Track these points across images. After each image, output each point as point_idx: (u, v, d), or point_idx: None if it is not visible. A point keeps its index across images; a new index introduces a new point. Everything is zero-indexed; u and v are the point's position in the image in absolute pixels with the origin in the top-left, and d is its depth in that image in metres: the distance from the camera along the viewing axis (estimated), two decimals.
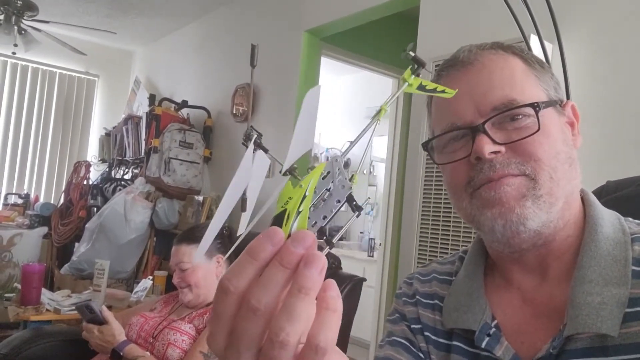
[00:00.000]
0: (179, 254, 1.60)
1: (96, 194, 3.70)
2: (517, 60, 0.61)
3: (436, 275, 0.71)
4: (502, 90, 0.58)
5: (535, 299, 0.60)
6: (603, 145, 1.63)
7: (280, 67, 3.18)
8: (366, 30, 3.23)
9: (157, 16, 4.31)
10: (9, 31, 3.60)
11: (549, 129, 0.58)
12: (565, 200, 0.58)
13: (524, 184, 0.56)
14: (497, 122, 0.58)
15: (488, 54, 0.61)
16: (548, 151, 0.57)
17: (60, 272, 3.23)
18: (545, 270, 0.60)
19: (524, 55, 0.62)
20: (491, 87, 0.59)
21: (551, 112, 0.59)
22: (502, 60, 0.61)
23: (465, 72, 0.61)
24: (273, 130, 3.17)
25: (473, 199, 0.59)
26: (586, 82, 1.68)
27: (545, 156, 0.57)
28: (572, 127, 0.62)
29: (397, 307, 0.73)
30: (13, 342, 1.73)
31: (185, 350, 1.45)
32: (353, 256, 4.10)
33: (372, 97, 4.76)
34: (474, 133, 0.58)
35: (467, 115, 0.59)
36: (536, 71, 0.61)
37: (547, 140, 0.57)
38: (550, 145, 0.57)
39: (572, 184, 0.59)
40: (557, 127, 0.59)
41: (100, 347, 1.55)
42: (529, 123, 0.57)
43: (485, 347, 0.58)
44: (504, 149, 0.57)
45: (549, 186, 0.56)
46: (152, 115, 3.51)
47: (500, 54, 0.61)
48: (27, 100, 4.97)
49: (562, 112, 0.61)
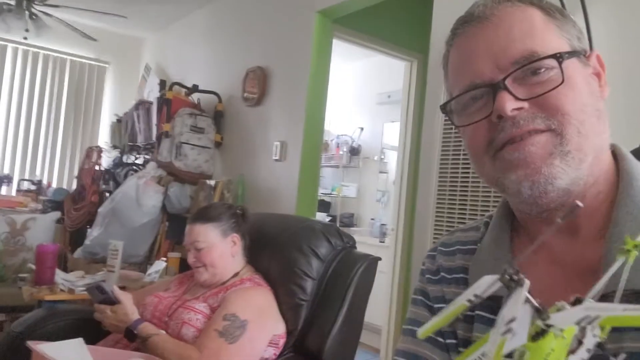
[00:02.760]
0: (193, 233, 1.59)
1: (108, 178, 3.71)
2: (536, 11, 0.57)
3: (460, 247, 0.68)
4: (522, 43, 0.55)
5: (566, 259, 0.57)
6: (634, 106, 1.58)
7: (292, 49, 3.14)
8: (379, 10, 3.18)
9: (167, 2, 4.28)
10: (21, 16, 3.60)
11: (574, 81, 0.55)
12: (595, 155, 0.55)
13: (550, 141, 0.53)
14: (518, 77, 0.55)
15: (504, 7, 0.58)
16: (574, 104, 0.54)
17: (74, 256, 3.25)
18: (576, 229, 0.57)
19: (542, 5, 0.58)
20: (510, 40, 0.55)
21: (575, 62, 0.56)
22: (520, 11, 0.57)
23: (482, 28, 0.57)
24: (284, 114, 3.15)
25: (496, 161, 0.56)
26: (617, 41, 1.64)
27: (572, 109, 0.53)
28: (598, 77, 0.59)
29: (420, 285, 0.71)
30: (28, 320, 1.73)
31: (199, 329, 1.44)
32: (364, 242, 4.08)
33: (383, 82, 4.72)
34: (495, 90, 0.55)
35: (486, 73, 0.56)
36: (557, 20, 0.57)
37: (572, 93, 0.54)
38: (577, 98, 0.54)
39: (601, 137, 0.56)
40: (583, 78, 0.56)
41: (114, 327, 1.54)
42: (553, 76, 0.54)
43: None
44: (528, 104, 0.54)
45: (577, 141, 0.53)
46: (163, 100, 3.50)
47: (517, 5, 0.58)
48: (39, 86, 4.99)
49: (586, 62, 0.58)
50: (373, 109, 4.93)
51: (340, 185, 5.06)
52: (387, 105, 4.71)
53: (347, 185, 5.07)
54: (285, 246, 1.67)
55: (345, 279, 1.59)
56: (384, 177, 4.82)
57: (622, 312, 0.30)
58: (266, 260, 1.68)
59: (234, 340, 1.38)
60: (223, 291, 1.53)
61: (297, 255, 1.62)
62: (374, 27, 3.38)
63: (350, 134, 5.09)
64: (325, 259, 1.65)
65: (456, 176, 2.00)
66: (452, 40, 0.61)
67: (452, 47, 0.61)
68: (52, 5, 3.77)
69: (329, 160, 5.11)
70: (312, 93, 2.98)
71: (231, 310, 1.43)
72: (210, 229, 1.59)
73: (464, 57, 0.59)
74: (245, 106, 3.46)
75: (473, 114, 0.58)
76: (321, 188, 4.63)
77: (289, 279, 1.60)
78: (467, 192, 1.96)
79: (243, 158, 3.45)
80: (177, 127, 3.40)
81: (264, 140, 3.28)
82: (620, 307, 0.30)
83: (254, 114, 3.41)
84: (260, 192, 3.24)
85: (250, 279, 1.58)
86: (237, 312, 1.42)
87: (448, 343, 0.64)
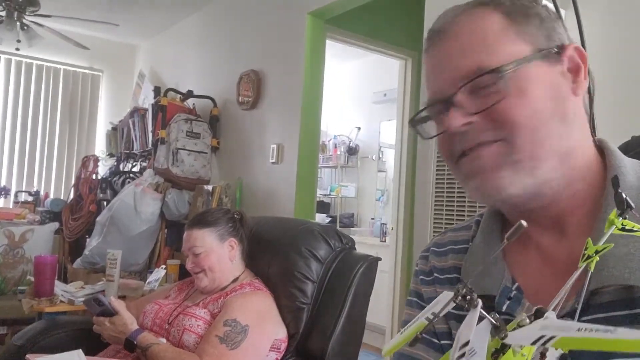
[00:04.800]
0: (190, 238, 1.58)
1: (105, 187, 3.70)
2: (494, 16, 0.57)
3: (452, 247, 0.68)
4: (470, 59, 0.55)
5: (555, 257, 0.57)
6: (627, 100, 1.58)
7: (285, 52, 3.14)
8: (371, 9, 3.17)
9: (159, 8, 4.27)
10: (12, 27, 3.59)
11: (526, 89, 0.54)
12: (560, 159, 0.55)
13: (498, 152, 0.55)
14: (472, 90, 0.55)
15: (461, 18, 0.58)
16: (524, 113, 0.54)
17: (73, 266, 3.24)
18: (562, 226, 0.57)
19: (506, 7, 0.57)
20: (460, 56, 0.56)
21: (533, 67, 0.55)
22: (476, 21, 0.57)
23: (439, 42, 0.59)
24: (279, 116, 3.14)
25: (457, 171, 0.59)
26: (606, 39, 1.63)
27: (522, 119, 0.54)
28: (576, 72, 0.57)
29: (414, 287, 0.72)
30: (28, 333, 1.72)
31: (200, 335, 1.43)
32: (365, 242, 4.08)
33: (378, 81, 4.71)
34: (448, 106, 0.56)
35: (444, 88, 0.57)
36: (517, 24, 0.56)
37: (522, 102, 0.54)
38: (527, 106, 0.54)
39: (568, 139, 0.55)
40: (541, 82, 0.55)
41: (114, 338, 1.53)
42: (500, 87, 0.54)
43: (506, 311, 0.56)
44: (479, 117, 0.55)
45: (530, 149, 0.54)
46: (158, 107, 3.49)
47: (475, 13, 0.58)
48: (33, 97, 4.98)
49: (556, 59, 0.56)
50: (369, 108, 4.92)
51: (339, 186, 5.05)
52: (383, 104, 4.71)
53: (345, 185, 5.06)
54: (284, 249, 1.66)
55: (346, 280, 1.58)
56: (382, 176, 4.81)
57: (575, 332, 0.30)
58: (265, 264, 1.67)
59: (235, 346, 1.37)
60: (223, 297, 1.52)
61: (297, 258, 1.61)
62: (367, 27, 3.38)
63: (347, 134, 5.08)
64: (325, 261, 1.64)
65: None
66: (424, 54, 0.63)
67: (424, 61, 0.64)
68: (43, 15, 3.76)
69: (327, 161, 5.10)
70: (307, 94, 2.97)
71: (232, 316, 1.42)
72: (207, 234, 1.58)
73: (428, 73, 0.61)
74: (241, 110, 3.45)
75: (436, 127, 0.61)
76: (320, 189, 4.63)
77: (289, 282, 1.59)
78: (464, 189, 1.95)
79: (240, 162, 3.43)
80: (173, 133, 3.38)
81: (260, 143, 3.27)
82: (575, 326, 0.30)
83: (249, 117, 3.40)
84: (258, 195, 3.23)
85: (250, 284, 1.57)
86: (237, 317, 1.42)
87: (443, 344, 0.64)
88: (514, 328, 0.33)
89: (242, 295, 1.51)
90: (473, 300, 0.33)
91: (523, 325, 0.33)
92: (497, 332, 0.32)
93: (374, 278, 1.64)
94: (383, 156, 4.83)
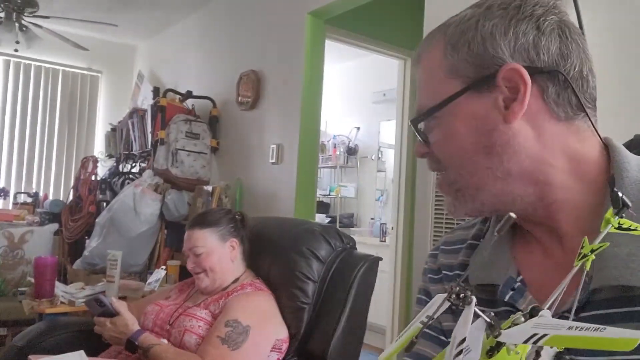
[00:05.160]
0: (192, 238, 1.58)
1: (105, 188, 3.69)
2: (437, 51, 0.59)
3: (461, 245, 0.69)
4: (419, 98, 0.62)
5: (556, 253, 0.58)
6: (632, 99, 1.58)
7: (285, 52, 3.14)
8: (370, 9, 3.17)
9: (157, 9, 4.27)
10: (10, 28, 3.59)
11: (450, 128, 0.58)
12: (505, 182, 0.56)
13: (444, 182, 0.61)
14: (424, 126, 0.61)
15: (424, 50, 0.62)
16: (449, 151, 0.59)
17: (73, 267, 3.23)
18: (558, 227, 0.57)
19: (447, 36, 0.58)
20: (417, 94, 0.63)
21: (460, 102, 0.56)
22: (428, 58, 0.61)
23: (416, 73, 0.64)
24: (279, 116, 3.14)
25: None
26: (609, 36, 1.63)
27: (447, 156, 0.59)
28: (514, 94, 0.55)
29: (423, 285, 0.72)
30: (29, 334, 1.72)
31: (202, 336, 1.43)
32: (365, 242, 4.08)
33: (377, 81, 4.71)
34: None
35: None
36: (448, 59, 0.57)
37: (446, 142, 0.59)
38: (452, 144, 0.58)
39: (503, 166, 0.56)
40: (465, 118, 0.57)
41: (114, 339, 1.52)
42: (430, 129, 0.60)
43: (509, 301, 0.57)
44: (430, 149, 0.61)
45: (463, 180, 0.59)
46: (158, 107, 3.49)
47: (431, 45, 0.61)
48: (32, 98, 4.97)
49: (489, 87, 0.55)
50: (368, 108, 4.92)
51: (338, 186, 5.05)
52: (383, 104, 4.71)
53: (345, 185, 5.06)
54: (285, 249, 1.66)
55: (347, 280, 1.58)
56: (382, 176, 4.81)
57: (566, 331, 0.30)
58: (266, 265, 1.67)
59: (236, 346, 1.37)
60: (224, 297, 1.52)
61: (298, 258, 1.61)
62: (366, 27, 3.38)
63: (346, 134, 5.08)
64: (326, 261, 1.64)
65: None
66: None
67: None
68: (41, 17, 3.76)
69: (327, 161, 5.10)
70: (307, 94, 2.97)
71: (233, 316, 1.42)
72: (208, 234, 1.58)
73: None
74: (240, 110, 3.45)
75: None
76: (319, 189, 4.63)
77: (290, 282, 1.59)
78: None
79: (240, 162, 3.43)
80: (172, 133, 3.38)
81: (260, 143, 3.27)
82: (566, 324, 0.31)
83: (249, 117, 3.40)
84: (258, 195, 3.23)
85: (251, 284, 1.57)
86: (239, 317, 1.41)
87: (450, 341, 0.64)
88: (508, 326, 0.33)
89: (243, 296, 1.51)
90: (467, 298, 0.34)
91: (518, 323, 0.33)
92: (492, 330, 0.33)
93: (375, 278, 1.64)
94: (382, 156, 4.83)
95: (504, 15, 0.56)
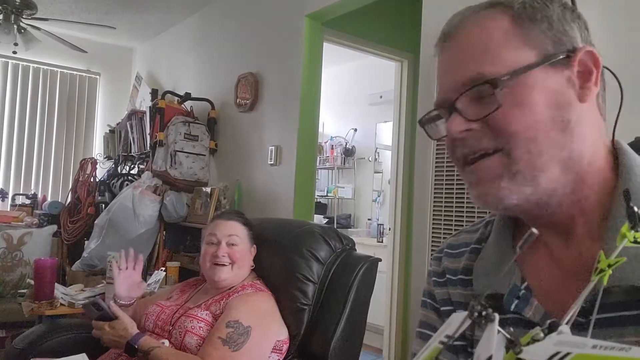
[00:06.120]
0: (232, 228, 1.62)
1: (104, 190, 3.69)
2: (500, 22, 0.56)
3: (465, 248, 0.69)
4: (472, 65, 0.55)
5: (563, 258, 0.58)
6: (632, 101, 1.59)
7: (283, 54, 3.15)
8: (368, 12, 3.19)
9: (156, 11, 4.28)
10: (9, 30, 3.58)
11: (525, 98, 0.53)
12: (562, 167, 0.54)
13: (498, 163, 0.55)
14: (474, 96, 0.55)
15: (469, 22, 0.58)
16: (522, 123, 0.53)
17: (72, 269, 3.24)
18: (570, 231, 0.57)
19: (514, 11, 0.56)
20: (464, 61, 0.56)
21: (537, 74, 0.54)
22: (482, 26, 0.57)
23: (448, 47, 0.59)
24: (277, 118, 3.15)
25: (463, 176, 0.61)
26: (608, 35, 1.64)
27: (519, 129, 0.53)
28: (587, 77, 0.56)
29: (427, 288, 0.72)
30: (29, 336, 1.72)
31: (202, 337, 1.44)
32: (362, 242, 4.09)
33: (374, 83, 4.72)
34: (449, 111, 0.57)
35: (448, 93, 0.58)
36: (523, 29, 0.55)
37: (519, 111, 0.53)
38: (525, 116, 0.53)
39: (570, 147, 0.54)
40: (542, 90, 0.54)
41: (114, 343, 1.52)
42: (498, 97, 0.54)
43: (514, 310, 0.56)
44: (479, 124, 0.55)
45: (528, 159, 0.53)
46: (156, 109, 3.49)
47: (483, 15, 0.57)
48: (30, 100, 4.96)
49: (565, 65, 0.55)
50: (365, 109, 4.94)
51: (335, 187, 5.07)
52: (380, 106, 4.72)
53: (342, 186, 5.08)
54: (284, 251, 1.67)
55: (347, 281, 1.59)
56: (379, 177, 4.83)
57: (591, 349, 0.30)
58: (266, 266, 1.68)
59: (237, 347, 1.38)
60: (225, 298, 1.53)
61: (297, 260, 1.62)
62: (364, 29, 3.39)
63: (343, 136, 5.09)
64: (326, 262, 1.65)
65: (452, 173, 2.01)
66: (436, 57, 0.63)
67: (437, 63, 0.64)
68: (40, 19, 3.76)
69: (324, 162, 5.11)
70: (305, 96, 2.98)
71: (234, 317, 1.43)
72: (246, 231, 1.65)
73: (438, 75, 0.61)
74: (239, 112, 3.46)
75: (441, 129, 0.62)
76: (317, 190, 4.64)
77: (290, 283, 1.60)
78: (463, 190, 1.96)
79: (238, 164, 3.44)
80: (171, 135, 3.39)
81: (258, 145, 3.28)
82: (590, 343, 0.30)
83: (247, 119, 3.41)
84: (256, 197, 3.24)
85: (251, 285, 1.58)
86: (240, 318, 1.42)
87: (456, 345, 0.64)
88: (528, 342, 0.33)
89: (244, 296, 1.52)
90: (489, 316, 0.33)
91: (537, 339, 0.33)
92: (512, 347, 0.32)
93: (375, 279, 1.65)
94: (379, 157, 4.85)
95: (563, 3, 0.58)
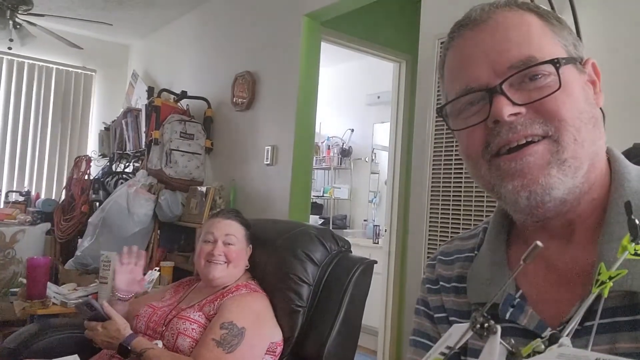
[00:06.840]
0: (229, 228, 1.61)
1: (98, 188, 3.67)
2: (533, 17, 0.57)
3: (459, 255, 0.68)
4: (518, 48, 0.55)
5: (559, 264, 0.57)
6: (630, 106, 1.59)
7: (280, 53, 3.13)
8: (367, 12, 3.18)
9: (152, 8, 4.25)
10: (4, 25, 3.56)
11: (571, 87, 0.54)
12: (590, 163, 0.55)
13: (547, 150, 0.53)
14: (515, 82, 0.54)
15: (502, 11, 0.58)
16: (571, 110, 0.53)
17: (65, 267, 3.21)
18: (570, 234, 0.57)
19: (540, 12, 0.58)
20: (507, 44, 0.55)
21: (571, 69, 0.56)
22: (518, 16, 0.57)
23: (479, 31, 0.57)
24: (274, 117, 3.14)
25: (492, 167, 0.56)
26: (606, 43, 1.64)
27: (569, 115, 0.53)
28: (593, 85, 0.59)
29: (421, 295, 0.72)
30: (21, 336, 1.70)
31: (195, 339, 1.42)
32: (357, 243, 4.08)
33: (372, 83, 4.72)
34: (491, 95, 0.54)
35: (483, 77, 0.56)
36: (554, 27, 0.57)
37: (569, 99, 0.54)
38: (573, 104, 0.54)
39: (596, 144, 0.56)
40: (579, 85, 0.56)
41: (106, 344, 1.50)
42: (550, 82, 0.54)
43: (509, 319, 0.56)
44: (525, 110, 0.54)
45: (574, 148, 0.53)
46: (152, 107, 3.47)
47: (515, 10, 0.58)
48: (25, 96, 4.93)
49: (582, 70, 0.58)
50: (363, 110, 4.93)
51: (332, 187, 5.06)
52: (377, 106, 4.71)
53: (338, 187, 5.07)
54: (280, 252, 1.66)
55: (342, 283, 1.58)
56: (375, 177, 4.82)
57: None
58: (261, 267, 1.67)
59: (231, 349, 1.36)
60: (219, 298, 1.51)
61: (292, 261, 1.61)
62: (362, 30, 3.38)
63: (340, 136, 5.08)
64: (321, 263, 1.64)
65: (449, 175, 2.00)
66: (449, 44, 0.61)
67: (449, 51, 0.61)
68: (36, 14, 3.73)
69: (320, 163, 5.10)
70: (302, 96, 2.97)
71: (228, 318, 1.41)
72: (243, 231, 1.64)
73: (461, 60, 0.59)
74: (235, 111, 3.44)
75: (469, 118, 0.58)
76: (313, 190, 4.62)
77: (285, 285, 1.59)
78: (460, 192, 1.96)
79: (234, 163, 3.42)
80: (166, 133, 3.37)
81: (254, 144, 3.26)
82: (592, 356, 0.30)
83: (243, 118, 3.39)
84: (252, 197, 3.22)
85: (245, 285, 1.57)
86: (234, 319, 1.41)
87: None
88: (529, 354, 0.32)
89: (238, 297, 1.50)
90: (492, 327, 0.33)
91: (538, 350, 0.32)
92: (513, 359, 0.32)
93: (370, 281, 1.64)
94: (376, 158, 4.84)
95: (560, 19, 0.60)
